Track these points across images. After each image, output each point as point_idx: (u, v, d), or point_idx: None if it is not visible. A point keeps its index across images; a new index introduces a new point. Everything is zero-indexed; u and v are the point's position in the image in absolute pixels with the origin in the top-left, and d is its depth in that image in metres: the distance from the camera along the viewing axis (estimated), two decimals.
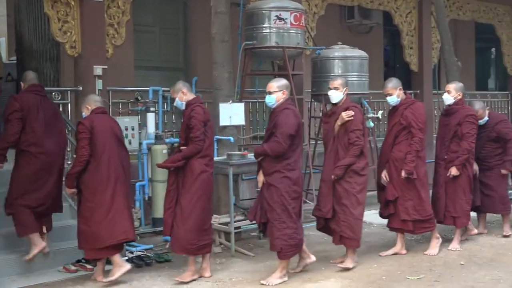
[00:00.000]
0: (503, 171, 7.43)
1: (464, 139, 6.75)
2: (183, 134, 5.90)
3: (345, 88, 6.26)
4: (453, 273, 5.99)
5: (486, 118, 7.37)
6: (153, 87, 8.24)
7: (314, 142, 9.60)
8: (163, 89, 8.27)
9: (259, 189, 7.18)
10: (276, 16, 8.17)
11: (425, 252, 6.67)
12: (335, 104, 6.32)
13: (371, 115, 9.23)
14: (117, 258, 5.75)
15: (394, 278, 5.85)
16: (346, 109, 6.13)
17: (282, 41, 8.23)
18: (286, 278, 5.75)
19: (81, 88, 7.63)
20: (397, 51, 13.45)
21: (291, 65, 8.68)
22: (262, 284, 5.66)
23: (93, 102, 6.00)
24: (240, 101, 7.92)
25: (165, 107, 8.32)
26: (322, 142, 9.35)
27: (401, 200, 6.53)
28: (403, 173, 6.42)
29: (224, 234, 7.02)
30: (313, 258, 6.09)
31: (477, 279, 5.75)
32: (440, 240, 6.78)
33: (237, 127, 7.74)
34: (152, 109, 7.89)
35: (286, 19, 8.20)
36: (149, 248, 6.91)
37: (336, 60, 8.94)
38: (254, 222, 6.10)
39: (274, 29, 8.20)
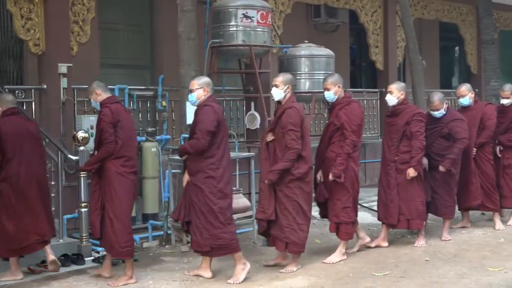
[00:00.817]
0: (441, 168, 7.03)
1: (414, 138, 6.65)
2: (96, 135, 5.86)
3: (286, 86, 6.01)
4: (418, 269, 6.06)
5: (443, 111, 7.15)
6: (119, 85, 8.15)
7: None
8: (129, 87, 8.20)
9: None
10: (243, 14, 8.17)
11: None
12: (280, 102, 6.18)
13: None
14: (14, 263, 5.83)
15: (361, 274, 5.90)
16: (285, 110, 5.92)
17: (249, 39, 8.23)
18: (248, 267, 5.73)
19: (45, 86, 7.53)
20: (363, 49, 13.57)
21: (258, 63, 8.68)
22: (229, 283, 5.65)
23: (4, 102, 5.87)
24: None
25: (131, 105, 8.25)
26: None
27: (331, 202, 6.37)
28: (330, 176, 6.20)
29: None
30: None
31: (441, 275, 5.84)
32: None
33: None
34: None
35: (252, 17, 8.20)
36: None
37: (303, 59, 8.97)
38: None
39: (241, 27, 8.20)
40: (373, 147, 11.38)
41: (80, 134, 6.63)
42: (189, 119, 7.30)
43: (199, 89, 5.78)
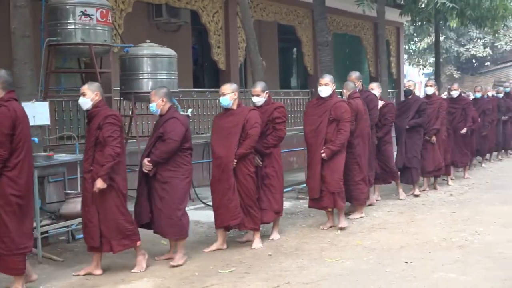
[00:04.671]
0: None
1: (107, 144, 5.76)
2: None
3: (95, 93, 5.92)
4: (262, 264, 6.22)
5: (153, 106, 6.32)
6: None
7: (124, 141, 9.45)
8: None
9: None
10: (82, 12, 7.94)
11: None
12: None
13: (181, 113, 9.31)
14: None
15: (207, 272, 5.96)
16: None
17: (88, 38, 8.01)
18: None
19: None
20: (205, 49, 13.71)
21: (99, 62, 8.48)
22: None
23: None
24: (44, 99, 7.59)
25: None
26: (132, 141, 9.31)
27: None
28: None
29: None
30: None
31: (284, 268, 6.04)
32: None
33: (41, 127, 7.39)
34: None
35: (92, 15, 7.99)
36: None
37: (145, 58, 8.89)
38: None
39: (80, 25, 7.96)
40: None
41: None
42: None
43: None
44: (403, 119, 10.00)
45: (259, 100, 7.11)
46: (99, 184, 5.72)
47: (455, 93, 11.61)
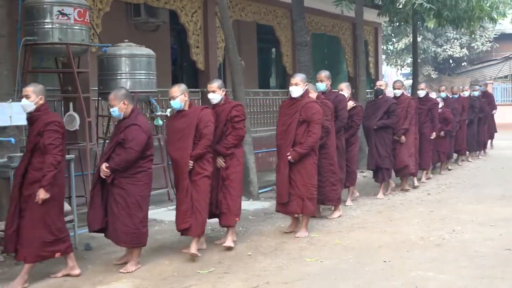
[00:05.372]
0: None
1: (48, 151, 5.56)
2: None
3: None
4: (241, 264, 6.23)
5: (116, 110, 6.07)
6: None
7: (102, 142, 9.40)
8: None
9: None
10: (59, 11, 7.87)
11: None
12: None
13: (159, 113, 9.29)
14: None
15: (186, 273, 5.94)
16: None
17: (65, 38, 7.94)
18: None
19: None
20: (184, 49, 13.66)
21: (76, 62, 8.42)
22: None
23: None
24: (21, 100, 7.48)
25: None
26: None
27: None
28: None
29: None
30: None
31: (263, 268, 6.05)
32: None
33: (18, 127, 7.31)
34: None
35: (69, 14, 7.93)
36: None
37: (123, 58, 8.85)
38: None
39: (57, 25, 7.89)
40: None
41: None
42: (2, 121, 6.90)
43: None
44: (372, 119, 9.87)
45: (215, 97, 6.87)
46: (42, 194, 5.51)
47: (422, 93, 11.52)
